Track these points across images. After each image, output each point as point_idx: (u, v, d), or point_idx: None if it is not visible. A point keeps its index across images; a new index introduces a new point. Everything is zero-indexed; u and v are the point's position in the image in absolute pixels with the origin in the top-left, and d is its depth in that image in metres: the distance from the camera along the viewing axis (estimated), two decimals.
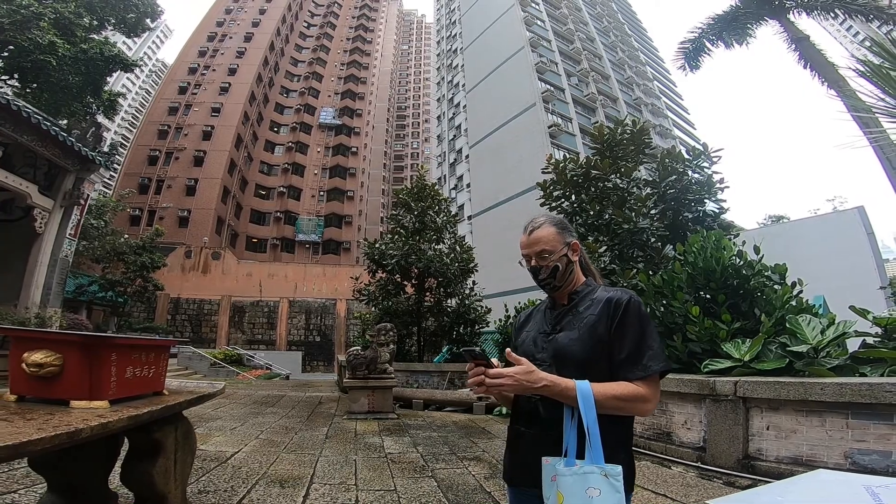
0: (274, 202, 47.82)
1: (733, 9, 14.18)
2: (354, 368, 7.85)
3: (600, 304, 1.28)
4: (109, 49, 19.23)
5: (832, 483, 1.33)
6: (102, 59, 18.80)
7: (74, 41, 18.48)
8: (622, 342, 1.22)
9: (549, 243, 1.36)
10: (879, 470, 2.84)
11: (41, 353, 1.80)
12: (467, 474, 4.17)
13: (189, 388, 2.89)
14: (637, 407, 1.18)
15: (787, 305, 4.44)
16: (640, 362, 1.19)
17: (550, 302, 1.44)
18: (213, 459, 4.20)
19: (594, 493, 1.07)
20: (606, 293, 1.31)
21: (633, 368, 1.19)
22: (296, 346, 34.04)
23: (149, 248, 23.76)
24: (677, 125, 51.48)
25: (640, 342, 1.21)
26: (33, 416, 1.56)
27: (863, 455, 2.94)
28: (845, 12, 12.86)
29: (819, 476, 1.32)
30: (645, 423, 4.69)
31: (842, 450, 3.05)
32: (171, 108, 45.11)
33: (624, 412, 1.19)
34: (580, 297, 1.36)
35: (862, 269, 17.79)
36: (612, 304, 1.26)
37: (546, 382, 1.15)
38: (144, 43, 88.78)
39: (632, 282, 5.52)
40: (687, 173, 7.26)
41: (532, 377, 1.15)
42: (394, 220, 12.43)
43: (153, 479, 2.12)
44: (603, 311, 1.26)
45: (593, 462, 1.09)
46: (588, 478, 1.08)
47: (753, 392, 3.50)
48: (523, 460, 1.28)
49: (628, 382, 1.18)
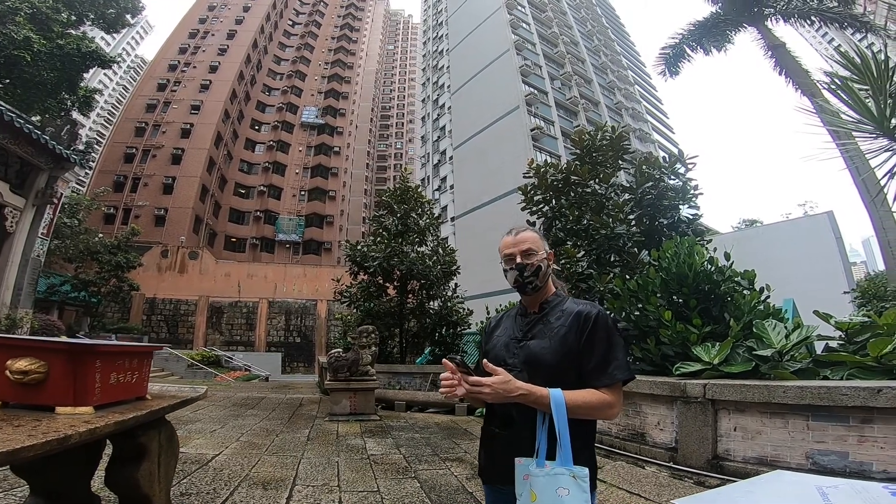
0: (254, 201, 47.13)
1: (713, 15, 14.60)
2: (336, 370, 7.86)
3: (570, 316, 1.38)
4: (87, 45, 18.76)
5: (788, 483, 1.44)
6: (79, 55, 18.34)
7: (51, 36, 18.01)
8: (591, 353, 1.32)
9: (534, 243, 1.46)
10: (837, 470, 3.01)
11: (26, 361, 1.82)
12: (450, 475, 4.25)
13: (171, 393, 2.90)
14: (604, 412, 1.29)
15: (755, 310, 4.64)
16: (606, 372, 1.30)
17: (521, 309, 1.53)
18: (193, 462, 4.19)
19: (563, 492, 1.16)
20: (576, 306, 1.42)
21: (600, 377, 1.30)
22: (275, 348, 33.63)
23: (124, 248, 23.22)
24: (656, 129, 52.53)
25: (607, 354, 1.32)
26: (21, 422, 1.58)
27: (822, 456, 3.10)
28: (821, 20, 13.35)
29: (777, 477, 1.44)
30: (620, 425, 4.84)
31: (803, 450, 3.22)
32: (149, 106, 44.19)
33: (592, 417, 1.30)
34: (550, 306, 1.46)
35: (830, 273, 18.40)
36: (583, 317, 1.36)
37: (522, 391, 1.23)
38: (123, 38, 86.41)
39: (608, 286, 5.68)
40: (663, 179, 7.46)
41: (509, 386, 1.23)
42: (376, 221, 12.44)
43: (138, 482, 2.14)
44: (573, 323, 1.36)
45: (563, 464, 1.19)
46: (558, 478, 1.18)
47: (721, 394, 3.67)
48: (497, 460, 1.36)
49: (596, 390, 1.29)
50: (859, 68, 3.90)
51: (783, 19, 13.68)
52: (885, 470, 2.77)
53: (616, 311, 5.39)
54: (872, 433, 2.86)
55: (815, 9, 13.05)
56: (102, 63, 20.00)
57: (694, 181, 7.64)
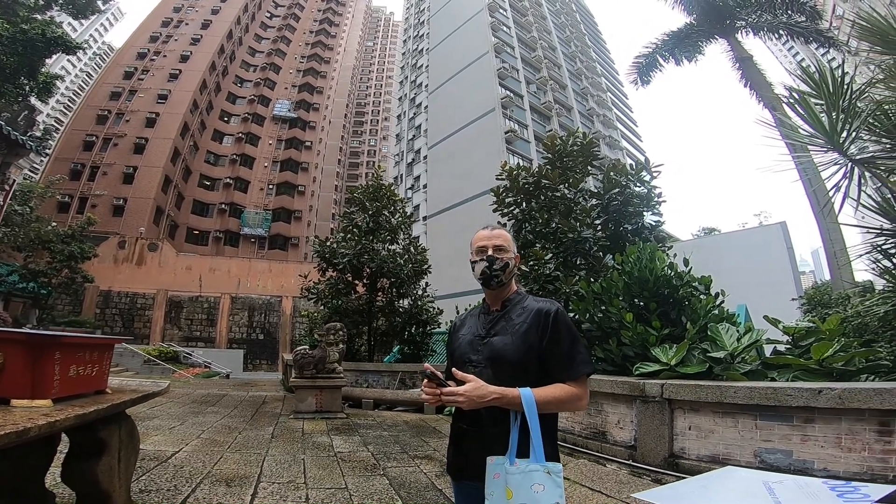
0: (219, 193, 45.67)
1: (687, 26, 15.14)
2: (301, 368, 7.76)
3: (532, 313, 1.45)
4: (53, 31, 17.84)
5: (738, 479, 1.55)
6: (43, 41, 17.42)
7: (15, 21, 17.09)
8: (556, 349, 1.39)
9: (506, 241, 1.54)
10: (783, 467, 3.20)
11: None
12: (419, 472, 4.27)
13: (132, 387, 2.83)
14: (574, 404, 1.37)
15: (710, 314, 4.88)
16: (572, 366, 1.37)
17: (484, 307, 1.59)
18: (152, 459, 4.08)
19: (539, 488, 1.22)
20: (536, 303, 1.48)
21: (567, 372, 1.37)
22: (237, 345, 32.72)
23: (78, 238, 22.08)
24: (625, 137, 53.96)
25: (571, 349, 1.39)
26: None
27: (769, 454, 3.29)
28: (789, 34, 14.02)
29: (728, 472, 1.54)
30: (583, 423, 5.00)
31: (752, 449, 3.40)
32: (113, 94, 42.39)
33: (562, 410, 1.38)
34: (512, 304, 1.52)
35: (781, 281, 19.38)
36: (543, 314, 1.43)
37: (495, 395, 1.28)
38: (92, 25, 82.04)
39: (574, 288, 5.85)
40: (629, 186, 7.72)
41: (481, 392, 1.28)
42: (347, 218, 12.32)
43: (97, 477, 2.09)
44: (534, 320, 1.43)
45: (537, 461, 1.25)
46: (533, 475, 1.23)
47: (677, 394, 3.85)
48: (467, 457, 1.41)
49: (563, 384, 1.35)
50: (816, 83, 4.15)
51: (753, 32, 14.35)
52: (826, 468, 2.96)
53: (580, 312, 5.55)
54: (814, 432, 3.06)
55: (784, 23, 13.68)
56: (67, 49, 19.05)
57: (658, 189, 7.96)
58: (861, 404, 2.80)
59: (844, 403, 2.86)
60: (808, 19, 13.49)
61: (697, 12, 14.87)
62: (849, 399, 2.84)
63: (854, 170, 3.62)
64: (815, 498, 1.37)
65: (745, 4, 14.14)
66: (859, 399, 2.81)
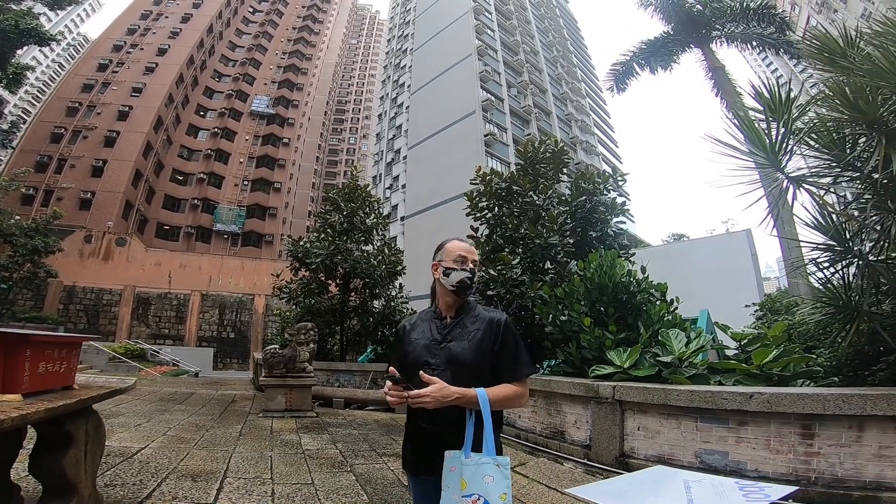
0: (192, 188, 44.63)
1: (664, 35, 15.60)
2: (272, 367, 7.79)
3: (485, 321, 1.63)
4: (27, 22, 17.35)
5: (662, 476, 1.75)
6: (16, 32, 16.90)
7: None
8: (504, 354, 1.59)
9: (477, 257, 1.75)
10: (720, 468, 3.42)
11: None
12: (386, 469, 4.41)
13: (99, 384, 2.90)
14: (519, 401, 1.60)
15: (663, 320, 5.18)
16: (517, 369, 1.58)
17: (437, 313, 1.73)
18: (117, 455, 4.11)
19: (489, 479, 1.39)
20: (488, 313, 1.67)
21: (514, 373, 1.58)
22: (207, 343, 32.12)
23: (42, 231, 21.37)
24: (602, 142, 55.06)
25: (516, 354, 1.60)
26: None
27: (708, 455, 3.51)
28: (760, 44, 14.58)
29: (656, 470, 1.75)
30: (544, 423, 5.22)
31: (693, 450, 3.62)
32: (85, 86, 41.16)
33: (510, 407, 1.61)
34: (464, 311, 1.69)
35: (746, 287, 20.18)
36: (495, 323, 1.61)
37: (457, 395, 1.45)
38: (68, 15, 78.77)
39: (538, 292, 6.09)
40: (596, 194, 8.02)
41: (445, 392, 1.44)
42: (321, 218, 12.34)
43: (64, 469, 2.18)
44: (487, 328, 1.61)
45: (489, 454, 1.42)
46: (484, 467, 1.40)
47: (627, 396, 4.09)
48: (425, 452, 1.56)
49: (510, 384, 1.55)
50: (765, 100, 4.42)
51: (727, 42, 14.89)
52: (757, 469, 3.20)
53: (544, 316, 5.79)
54: (747, 434, 3.30)
55: (757, 33, 14.25)
56: (40, 41, 18.51)
57: (623, 198, 8.29)
58: (786, 408, 3.05)
59: (772, 407, 3.10)
60: (777, 30, 14.04)
61: (675, 21, 15.32)
62: (776, 403, 3.09)
63: (790, 187, 3.91)
64: (723, 496, 1.58)
65: (720, 15, 14.64)
66: (785, 403, 3.06)
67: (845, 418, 2.83)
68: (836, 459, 2.86)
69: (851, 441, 2.82)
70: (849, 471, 2.80)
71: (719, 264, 21.48)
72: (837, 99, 3.82)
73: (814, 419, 2.99)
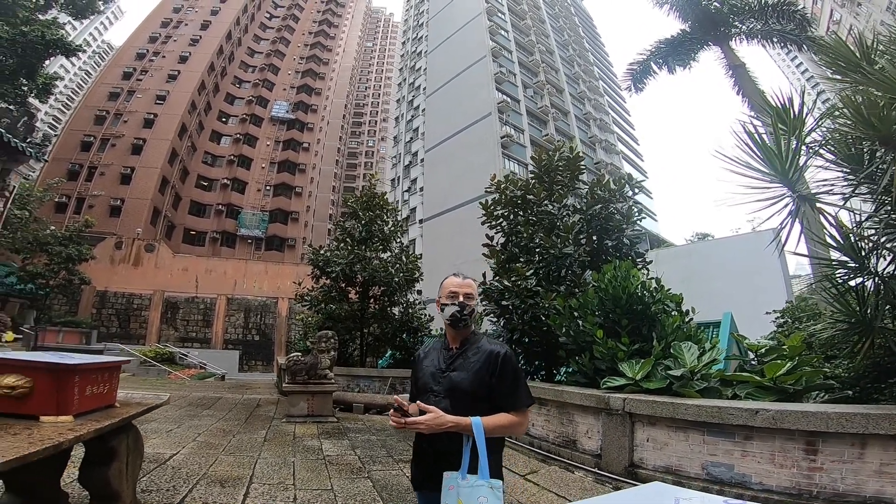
0: (216, 194, 45.94)
1: (681, 33, 15.37)
2: (294, 374, 8.05)
3: (485, 354, 1.75)
4: (52, 33, 18.08)
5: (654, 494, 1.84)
6: (42, 43, 17.65)
7: (14, 22, 17.29)
8: (502, 385, 1.70)
9: (474, 290, 1.87)
10: (725, 480, 3.51)
11: (13, 377, 2.07)
12: (401, 476, 4.56)
13: (137, 400, 3.14)
14: (516, 429, 1.72)
15: (677, 332, 5.22)
16: (515, 399, 1.70)
17: (444, 343, 1.89)
18: (152, 461, 4.37)
19: (483, 500, 1.52)
20: (489, 346, 1.79)
21: (512, 403, 1.69)
22: (233, 346, 33.02)
23: (76, 240, 22.34)
24: (622, 140, 54.32)
25: (514, 385, 1.71)
26: (15, 430, 1.85)
27: (714, 467, 3.59)
28: (782, 41, 14.27)
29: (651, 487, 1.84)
30: (556, 432, 5.33)
31: (700, 462, 3.70)
32: (111, 94, 42.82)
33: (506, 434, 1.71)
34: (469, 344, 1.83)
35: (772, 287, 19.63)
36: (493, 356, 1.73)
37: (451, 423, 1.59)
38: (91, 23, 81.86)
39: (553, 303, 6.18)
40: (612, 201, 8.01)
41: (439, 421, 1.58)
42: (340, 227, 12.65)
43: (109, 480, 2.41)
44: (486, 360, 1.73)
45: (483, 478, 1.55)
46: (479, 489, 1.53)
47: (637, 408, 4.18)
48: (427, 471, 1.72)
49: (507, 413, 1.67)
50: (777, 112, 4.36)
51: (747, 39, 14.59)
52: (761, 482, 3.28)
53: (557, 326, 5.88)
54: (752, 448, 3.37)
55: (777, 30, 13.93)
56: (67, 52, 19.29)
57: (640, 201, 8.28)
58: (791, 425, 3.12)
59: (777, 424, 3.17)
60: (798, 27, 13.71)
61: (692, 19, 15.10)
62: (781, 420, 3.16)
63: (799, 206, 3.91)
64: None
65: (739, 12, 14.36)
66: (790, 420, 3.12)
67: (848, 436, 2.89)
68: (838, 475, 2.91)
69: (854, 458, 2.87)
70: (850, 486, 2.85)
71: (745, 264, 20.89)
72: (849, 113, 3.79)
73: (817, 436, 3.05)
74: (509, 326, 7.16)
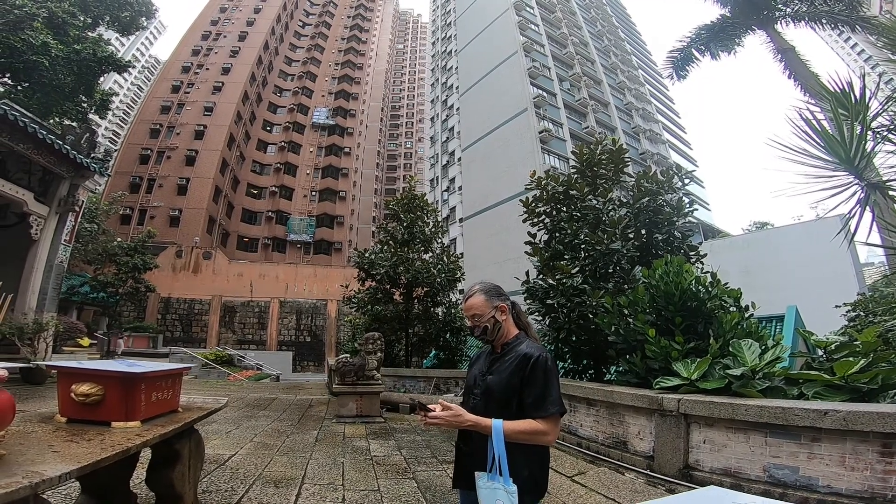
0: (266, 202, 47.99)
1: (721, 19, 14.60)
2: (343, 375, 8.26)
3: (518, 357, 1.71)
4: (103, 50, 19.33)
5: (711, 499, 1.75)
6: (95, 60, 18.92)
7: (67, 41, 18.53)
8: (530, 390, 1.65)
9: (478, 309, 1.82)
10: (789, 483, 3.30)
11: (87, 385, 2.23)
12: (445, 476, 4.59)
13: (198, 405, 3.31)
14: (539, 438, 1.62)
15: (736, 329, 4.93)
16: (542, 407, 1.62)
17: (491, 348, 1.90)
18: (212, 462, 4.61)
19: (499, 503, 1.54)
20: (525, 349, 1.74)
21: (537, 410, 1.62)
22: (286, 347, 34.33)
23: (140, 250, 23.97)
24: (668, 129, 52.22)
25: (543, 392, 1.63)
26: (89, 436, 1.99)
27: (777, 469, 3.39)
28: (831, 23, 13.28)
29: (706, 492, 1.75)
30: (606, 433, 5.18)
31: (761, 464, 3.50)
32: (163, 107, 45.35)
33: (530, 442, 1.62)
34: (509, 348, 1.81)
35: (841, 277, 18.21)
36: (524, 359, 1.69)
37: (471, 422, 1.62)
38: (138, 39, 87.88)
39: (601, 301, 6.00)
40: (661, 193, 7.68)
41: (459, 419, 1.62)
42: (383, 229, 12.88)
43: (173, 482, 2.56)
44: (518, 363, 1.70)
45: (503, 481, 1.55)
46: (496, 492, 1.55)
47: (693, 409, 3.98)
48: (463, 470, 1.76)
49: (531, 420, 1.62)
50: (837, 98, 4.05)
51: (793, 22, 13.67)
52: (829, 485, 3.05)
53: (605, 325, 5.70)
54: (820, 451, 3.14)
55: (826, 12, 12.98)
56: (118, 68, 20.60)
57: (691, 192, 7.90)
58: (864, 427, 2.89)
59: (848, 425, 2.95)
60: (848, 8, 12.71)
61: (731, 4, 14.34)
62: (853, 421, 2.93)
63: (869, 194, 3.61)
64: None
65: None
66: (863, 422, 2.89)
67: None
68: None
69: None
70: None
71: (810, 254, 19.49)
72: None
73: (893, 438, 2.80)
74: (555, 325, 7.00)
